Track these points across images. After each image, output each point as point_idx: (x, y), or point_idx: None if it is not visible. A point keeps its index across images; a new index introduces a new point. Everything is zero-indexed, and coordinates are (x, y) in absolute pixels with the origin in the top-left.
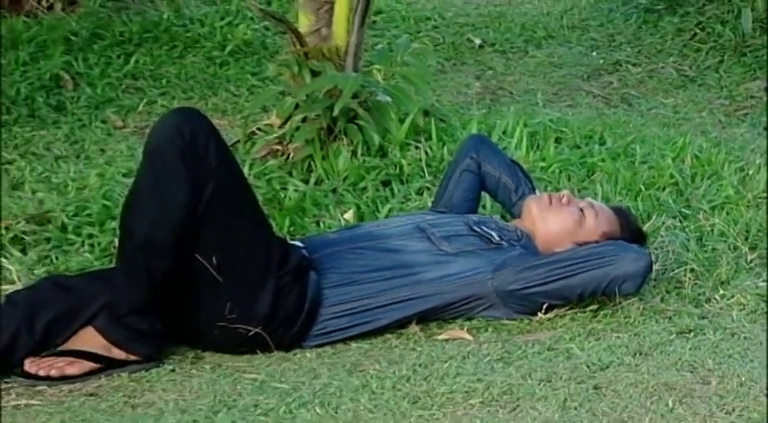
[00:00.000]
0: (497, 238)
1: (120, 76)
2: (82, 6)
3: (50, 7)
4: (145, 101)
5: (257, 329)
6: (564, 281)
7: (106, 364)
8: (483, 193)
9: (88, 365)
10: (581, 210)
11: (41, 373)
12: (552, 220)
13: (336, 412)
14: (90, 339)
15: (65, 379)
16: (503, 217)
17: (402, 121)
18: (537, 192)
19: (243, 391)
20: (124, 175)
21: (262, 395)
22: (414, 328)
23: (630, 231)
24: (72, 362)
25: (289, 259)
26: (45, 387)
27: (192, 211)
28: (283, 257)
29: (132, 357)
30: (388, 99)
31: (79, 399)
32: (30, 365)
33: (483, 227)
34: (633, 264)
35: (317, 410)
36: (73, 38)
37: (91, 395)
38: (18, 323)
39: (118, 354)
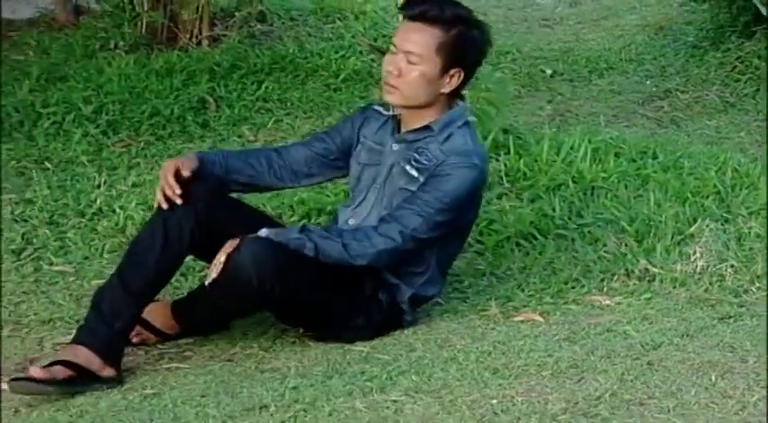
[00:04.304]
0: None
1: (253, 99)
2: (224, 43)
3: (199, 43)
4: (273, 120)
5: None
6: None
7: (163, 339)
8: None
9: (148, 336)
10: (410, 61)
11: (135, 340)
12: (407, 95)
13: (429, 380)
14: (160, 312)
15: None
16: None
17: (485, 138)
18: None
19: (351, 360)
20: None
21: (367, 364)
22: (494, 310)
23: (451, 16)
24: (140, 332)
25: (365, 290)
26: (192, 353)
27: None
28: (358, 294)
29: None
30: (474, 119)
31: (219, 363)
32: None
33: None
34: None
35: (413, 378)
36: (216, 68)
37: (228, 361)
38: None
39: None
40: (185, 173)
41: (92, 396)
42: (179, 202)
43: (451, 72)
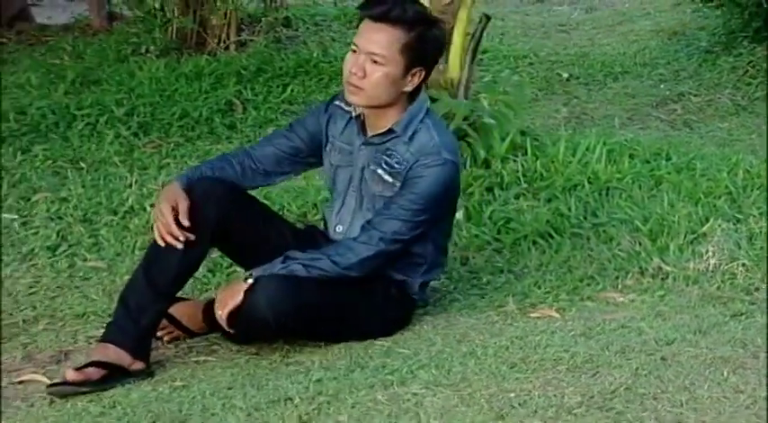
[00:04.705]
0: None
1: (278, 102)
2: (251, 47)
3: (226, 48)
4: None
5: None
6: (414, 195)
7: (189, 335)
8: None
9: (178, 334)
10: (374, 62)
11: (161, 336)
12: (370, 95)
13: (448, 373)
14: (191, 312)
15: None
16: None
17: (503, 140)
18: None
19: (373, 354)
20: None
21: (389, 358)
22: (511, 306)
23: (412, 16)
24: (172, 331)
25: (376, 294)
26: (219, 347)
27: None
28: (371, 300)
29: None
30: (492, 121)
31: (245, 357)
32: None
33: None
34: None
35: (433, 371)
36: (243, 72)
37: (254, 354)
38: None
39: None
40: (184, 222)
41: (123, 388)
42: (179, 246)
43: (413, 71)
